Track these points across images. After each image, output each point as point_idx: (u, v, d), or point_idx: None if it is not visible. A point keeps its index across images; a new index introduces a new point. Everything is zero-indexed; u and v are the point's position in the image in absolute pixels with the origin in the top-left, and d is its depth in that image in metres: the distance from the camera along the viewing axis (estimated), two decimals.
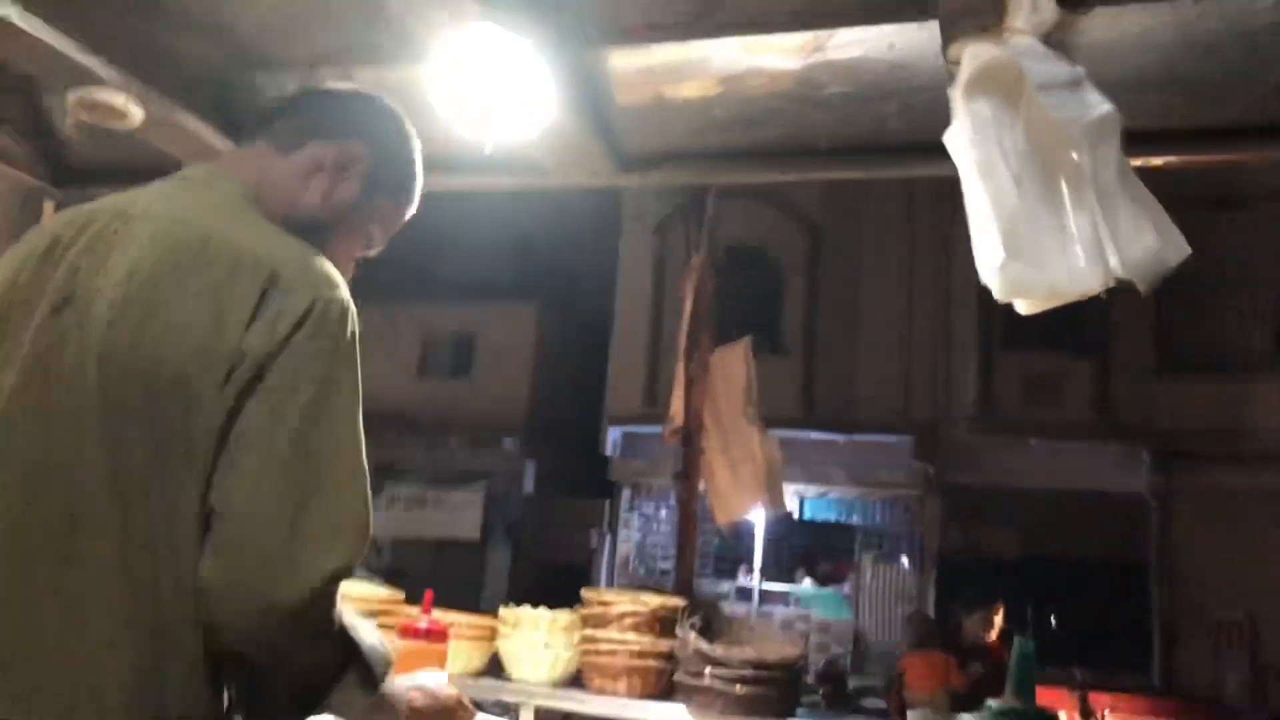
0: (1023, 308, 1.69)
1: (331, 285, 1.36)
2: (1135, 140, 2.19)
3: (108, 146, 3.10)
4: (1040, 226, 1.59)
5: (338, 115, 1.59)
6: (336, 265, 1.42)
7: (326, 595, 1.28)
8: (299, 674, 1.34)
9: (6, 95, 2.83)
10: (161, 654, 1.25)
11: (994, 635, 6.60)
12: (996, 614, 6.69)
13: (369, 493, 1.34)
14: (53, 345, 1.31)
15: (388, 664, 1.43)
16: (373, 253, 1.67)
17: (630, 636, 2.47)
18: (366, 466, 1.35)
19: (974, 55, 1.73)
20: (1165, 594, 13.19)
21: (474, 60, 2.19)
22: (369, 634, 1.40)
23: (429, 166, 2.96)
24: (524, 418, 17.17)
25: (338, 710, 1.37)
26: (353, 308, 1.37)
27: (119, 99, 2.47)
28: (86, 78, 2.42)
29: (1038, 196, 1.60)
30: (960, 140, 1.70)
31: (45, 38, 2.27)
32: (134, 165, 3.02)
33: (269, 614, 1.24)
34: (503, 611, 2.64)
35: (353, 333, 1.36)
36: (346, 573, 1.30)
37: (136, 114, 2.53)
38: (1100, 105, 1.62)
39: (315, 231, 1.48)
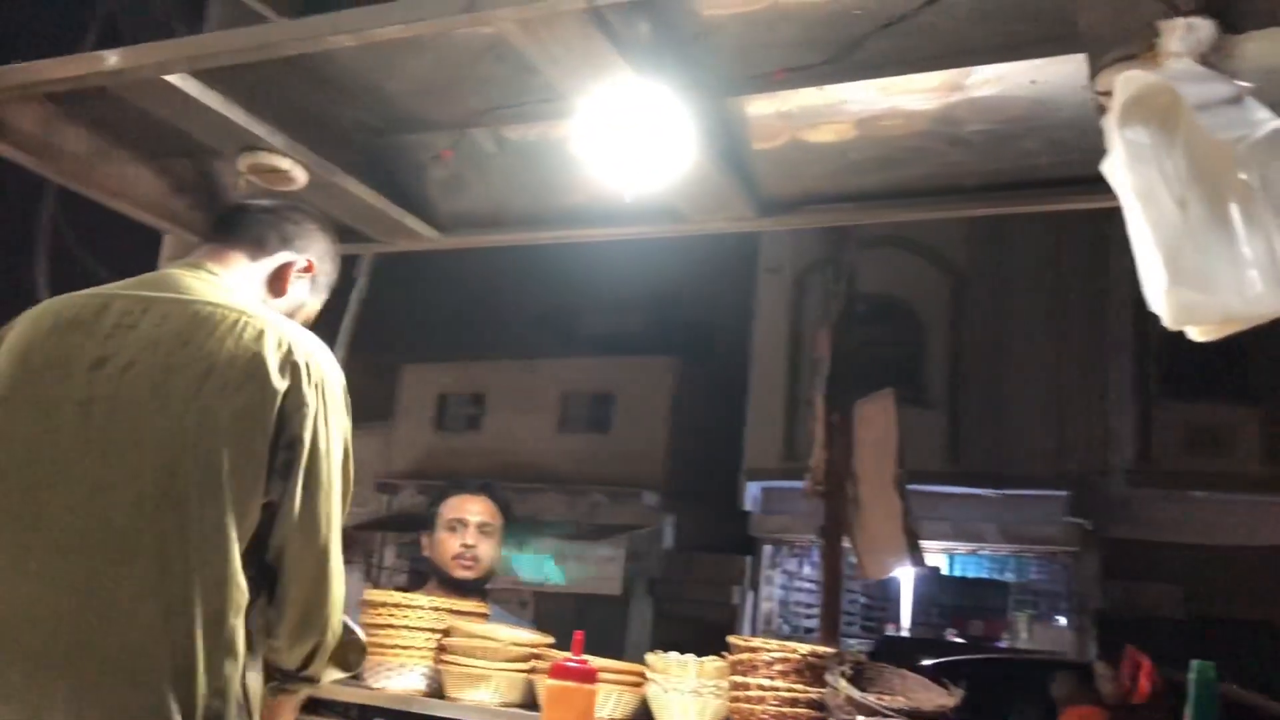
0: (1196, 335, 1.62)
1: (331, 358, 1.83)
2: None
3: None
4: (1209, 250, 1.53)
5: (293, 233, 2.04)
6: None
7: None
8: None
9: (182, 163, 3.03)
10: (205, 633, 1.60)
11: (1144, 689, 6.28)
12: (1143, 668, 6.36)
13: None
14: (102, 395, 1.67)
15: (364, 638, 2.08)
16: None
17: (779, 683, 2.43)
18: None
19: (1126, 82, 1.69)
20: None
21: (617, 112, 2.24)
22: None
23: (572, 219, 3.05)
24: (663, 472, 17.18)
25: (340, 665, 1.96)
26: (340, 371, 1.84)
27: (285, 163, 2.62)
28: (255, 143, 2.58)
29: (1204, 220, 1.55)
30: (1118, 169, 1.66)
31: (218, 107, 2.44)
32: None
33: (326, 646, 1.82)
34: (650, 658, 2.63)
35: (344, 389, 1.84)
36: None
37: (300, 177, 2.68)
38: (1269, 122, 1.55)
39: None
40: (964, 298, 15.26)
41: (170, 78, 2.32)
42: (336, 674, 1.97)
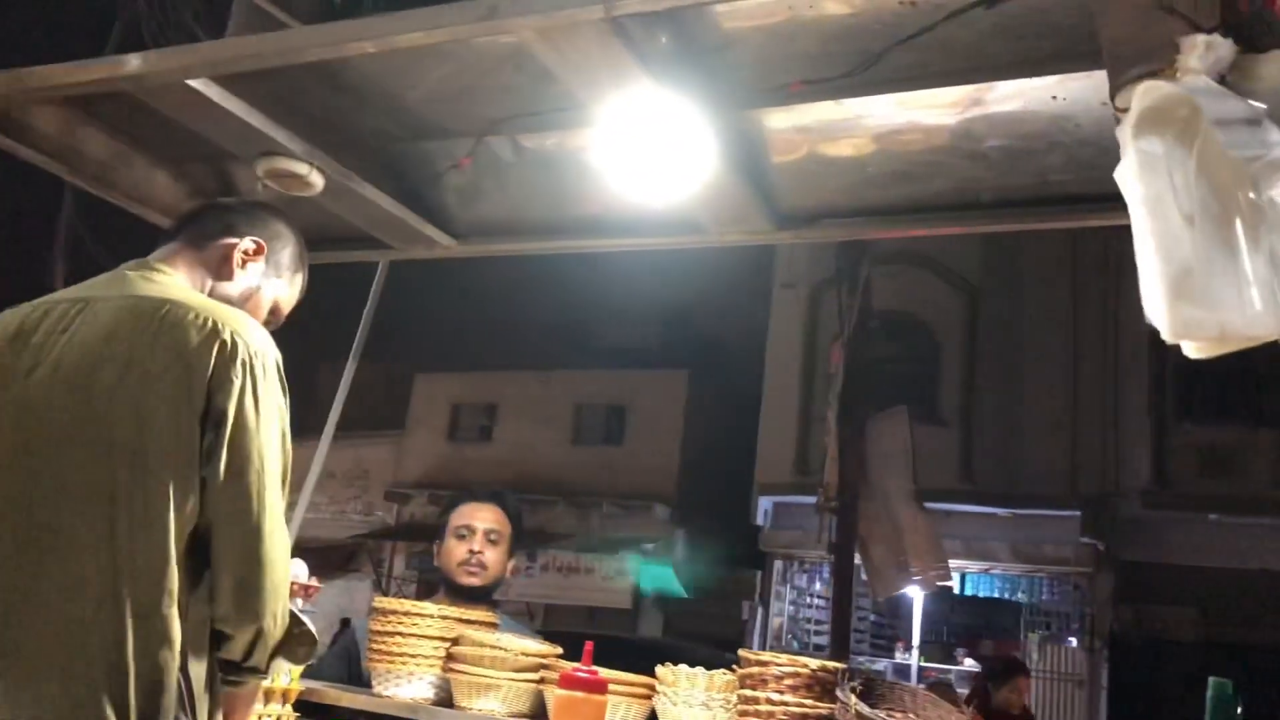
0: (1192, 351, 1.60)
1: (264, 335, 1.81)
2: None
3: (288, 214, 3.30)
4: (1213, 267, 1.52)
5: (238, 220, 2.05)
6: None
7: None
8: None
9: (201, 167, 3.04)
10: (136, 624, 1.60)
11: (1022, 706, 6.67)
12: (1024, 685, 6.75)
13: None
14: (34, 399, 1.71)
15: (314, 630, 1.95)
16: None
17: (789, 698, 2.42)
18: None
19: (1145, 91, 1.68)
20: None
21: (635, 122, 2.24)
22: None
23: (589, 229, 3.05)
24: (674, 486, 17.19)
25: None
26: (275, 349, 1.81)
27: (303, 168, 2.63)
28: (274, 149, 2.59)
29: (1210, 236, 1.53)
30: (1128, 178, 1.64)
31: (238, 111, 2.45)
32: (309, 232, 3.19)
33: (268, 635, 1.74)
34: (660, 670, 2.62)
35: (279, 367, 1.80)
36: None
37: (318, 182, 2.68)
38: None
39: (229, 301, 1.94)
40: (979, 315, 15.22)
41: (192, 82, 2.33)
42: (285, 666, 1.93)
